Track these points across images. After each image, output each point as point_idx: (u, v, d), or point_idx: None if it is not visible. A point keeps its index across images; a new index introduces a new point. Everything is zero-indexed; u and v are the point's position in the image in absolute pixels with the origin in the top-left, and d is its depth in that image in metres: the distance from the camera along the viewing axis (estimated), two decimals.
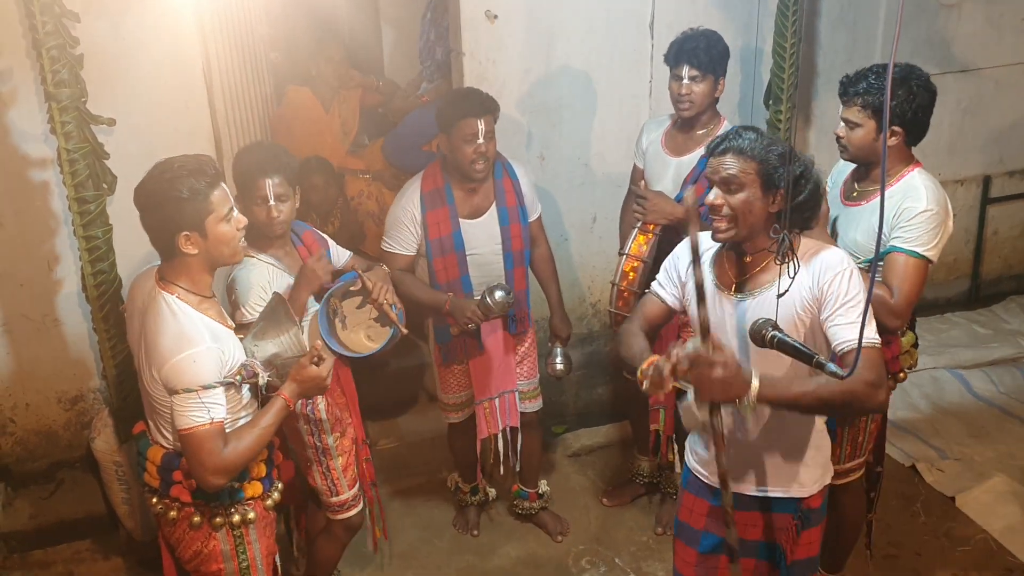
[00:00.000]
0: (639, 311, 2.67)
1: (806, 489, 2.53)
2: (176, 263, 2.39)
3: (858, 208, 2.93)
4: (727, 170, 2.33)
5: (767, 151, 2.32)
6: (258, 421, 2.44)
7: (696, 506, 2.66)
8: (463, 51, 3.97)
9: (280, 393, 2.48)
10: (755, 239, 2.39)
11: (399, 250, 3.46)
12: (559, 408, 4.61)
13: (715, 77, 3.38)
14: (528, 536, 3.96)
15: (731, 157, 2.33)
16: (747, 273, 2.42)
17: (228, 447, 2.35)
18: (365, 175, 4.74)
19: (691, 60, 3.32)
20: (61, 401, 3.88)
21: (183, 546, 2.55)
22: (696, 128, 3.48)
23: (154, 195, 2.31)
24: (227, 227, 2.39)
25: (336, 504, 3.19)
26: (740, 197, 2.33)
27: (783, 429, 2.47)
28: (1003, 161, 5.46)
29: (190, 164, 2.34)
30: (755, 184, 2.32)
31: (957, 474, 4.15)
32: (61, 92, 3.09)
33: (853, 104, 2.82)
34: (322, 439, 3.10)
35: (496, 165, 3.47)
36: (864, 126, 2.81)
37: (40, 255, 3.62)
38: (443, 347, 3.58)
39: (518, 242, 3.50)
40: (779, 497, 2.53)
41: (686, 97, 3.37)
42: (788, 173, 2.28)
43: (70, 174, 3.17)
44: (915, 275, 2.77)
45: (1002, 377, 4.89)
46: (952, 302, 5.62)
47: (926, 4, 4.84)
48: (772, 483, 2.53)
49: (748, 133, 2.36)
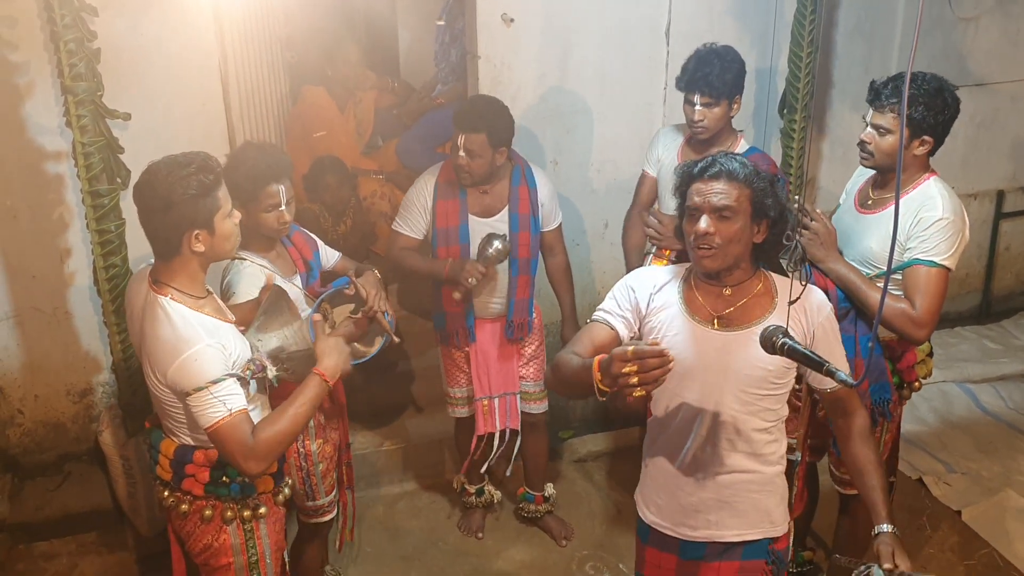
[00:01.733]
0: (581, 338, 2.41)
1: (778, 528, 2.46)
2: (174, 263, 2.35)
3: (874, 216, 2.91)
4: (721, 198, 2.23)
5: (757, 178, 2.25)
6: (293, 401, 2.39)
7: (663, 562, 2.54)
8: (478, 54, 3.98)
9: (316, 370, 2.44)
10: (735, 271, 2.31)
11: (406, 231, 3.51)
12: (566, 413, 4.61)
13: (730, 100, 3.29)
14: (533, 540, 3.95)
15: (724, 183, 2.24)
16: (729, 307, 2.33)
17: (262, 432, 2.32)
18: (378, 176, 4.76)
19: (703, 89, 3.21)
20: (70, 394, 3.89)
21: (193, 539, 2.54)
22: (714, 146, 3.37)
23: (162, 194, 2.26)
24: (230, 223, 2.39)
25: (310, 508, 3.18)
26: (732, 227, 2.24)
27: (760, 462, 2.39)
28: (1017, 176, 5.44)
29: (196, 161, 2.30)
30: (746, 213, 2.25)
31: (964, 488, 4.13)
32: (78, 86, 3.10)
33: (888, 111, 2.78)
34: (305, 444, 3.08)
35: (515, 171, 3.48)
36: (896, 133, 2.76)
37: (53, 248, 3.64)
38: (440, 333, 3.62)
39: (525, 250, 3.50)
40: (752, 540, 2.45)
41: (700, 124, 3.29)
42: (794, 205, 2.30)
43: (84, 167, 3.18)
44: (936, 285, 2.74)
45: (1011, 392, 4.88)
46: (963, 316, 5.61)
47: (943, 17, 4.83)
48: (747, 524, 2.43)
49: (736, 157, 2.29)
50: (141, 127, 3.37)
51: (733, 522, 2.43)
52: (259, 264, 2.88)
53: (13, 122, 3.42)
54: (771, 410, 2.37)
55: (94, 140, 3.17)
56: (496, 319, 3.60)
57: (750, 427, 2.36)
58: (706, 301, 2.35)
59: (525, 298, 3.56)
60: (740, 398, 2.33)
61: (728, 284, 2.33)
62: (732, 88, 3.27)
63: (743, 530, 2.44)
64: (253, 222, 2.83)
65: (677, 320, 2.36)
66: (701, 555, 2.47)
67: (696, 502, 2.43)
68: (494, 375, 3.64)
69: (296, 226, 3.16)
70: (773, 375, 2.32)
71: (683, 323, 2.35)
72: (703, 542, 2.46)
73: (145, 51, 3.43)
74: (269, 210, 2.85)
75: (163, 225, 2.30)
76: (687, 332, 2.34)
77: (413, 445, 4.31)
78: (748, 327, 2.31)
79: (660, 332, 2.37)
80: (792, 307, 2.22)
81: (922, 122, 2.75)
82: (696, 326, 2.34)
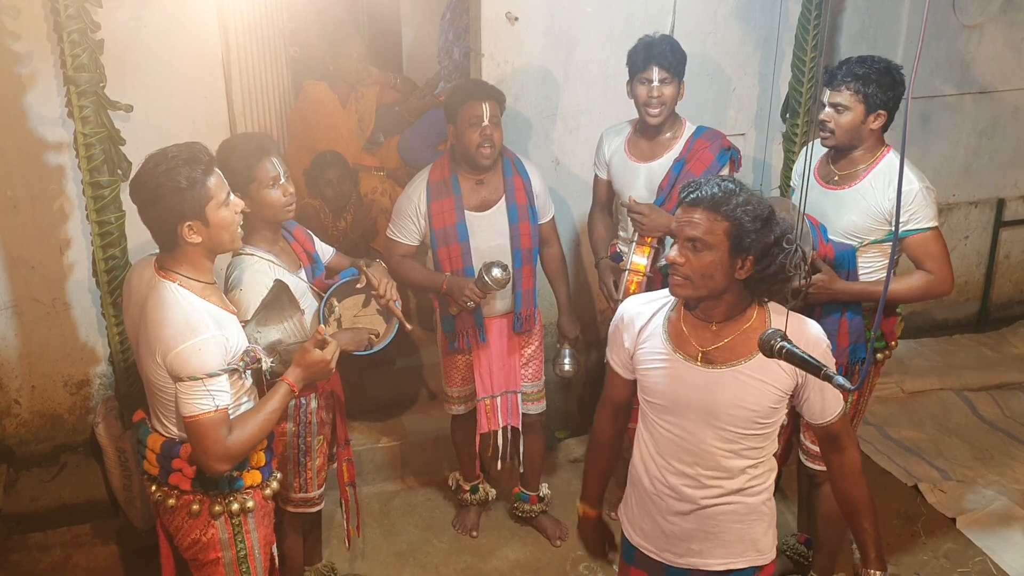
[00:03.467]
0: (607, 382, 2.52)
1: (766, 556, 2.43)
2: (177, 253, 2.38)
3: (845, 192, 3.07)
4: (693, 229, 2.15)
5: (742, 211, 2.13)
6: (262, 407, 2.45)
7: None
8: (482, 52, 3.97)
9: (284, 379, 2.49)
10: (720, 305, 2.24)
11: (401, 239, 3.50)
12: (563, 413, 4.60)
13: (679, 80, 3.40)
14: (527, 539, 3.95)
15: (701, 213, 2.15)
16: (715, 343, 2.26)
17: (232, 434, 2.36)
18: (379, 172, 4.75)
19: (660, 62, 3.33)
20: (67, 385, 3.89)
21: (181, 534, 2.54)
22: (662, 132, 3.48)
23: (152, 188, 2.29)
24: (226, 212, 2.39)
25: (299, 499, 3.18)
26: (704, 259, 2.16)
27: (745, 494, 2.36)
28: (1018, 185, 5.44)
29: (184, 153, 2.32)
30: (723, 247, 2.15)
31: (959, 496, 4.13)
32: (80, 76, 3.10)
33: (845, 88, 2.98)
34: (306, 440, 3.10)
35: (506, 162, 3.49)
36: (853, 109, 2.98)
37: (53, 239, 3.63)
38: (448, 335, 3.59)
39: (527, 240, 3.50)
40: (740, 569, 2.42)
41: (657, 100, 3.36)
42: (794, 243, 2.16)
43: (86, 158, 3.18)
44: (937, 244, 2.99)
45: (1008, 401, 4.88)
46: (961, 324, 5.61)
47: (947, 23, 4.83)
48: (734, 553, 2.40)
49: (726, 184, 2.17)
50: (143, 119, 3.37)
51: (719, 552, 2.40)
52: (265, 259, 2.88)
53: (15, 112, 3.41)
54: (757, 448, 2.32)
55: (95, 131, 3.16)
56: (503, 315, 3.59)
57: (734, 464, 2.31)
58: (692, 334, 2.29)
59: (530, 288, 3.57)
60: (723, 436, 2.28)
61: (714, 319, 2.25)
62: (681, 67, 3.39)
63: (729, 559, 2.41)
64: (258, 206, 2.81)
65: (661, 352, 2.32)
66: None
67: (679, 531, 2.40)
68: (497, 374, 3.64)
69: (294, 222, 3.17)
70: (758, 415, 2.26)
71: (667, 356, 2.31)
72: (687, 569, 2.43)
73: (148, 43, 3.43)
74: (271, 185, 2.84)
75: (156, 218, 2.34)
76: (669, 366, 2.30)
77: (409, 442, 4.31)
78: (733, 365, 2.25)
79: (646, 364, 2.35)
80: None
81: (875, 98, 2.97)
82: (679, 362, 2.28)
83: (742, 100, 4.43)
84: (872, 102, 2.97)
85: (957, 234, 5.38)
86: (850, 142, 3.05)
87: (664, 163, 3.46)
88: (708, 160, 3.40)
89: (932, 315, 5.52)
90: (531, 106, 4.09)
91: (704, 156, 3.41)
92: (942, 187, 2.99)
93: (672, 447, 2.35)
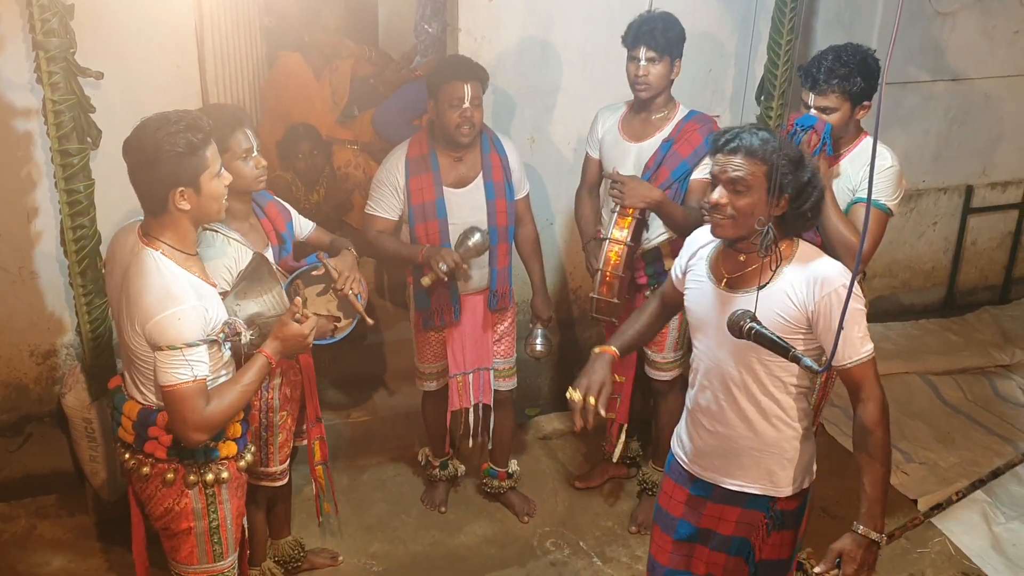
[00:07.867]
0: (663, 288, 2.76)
1: (782, 490, 2.51)
2: (163, 219, 2.37)
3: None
4: (735, 171, 2.31)
5: (778, 155, 2.30)
6: (239, 378, 2.45)
7: (675, 493, 2.68)
8: (459, 27, 3.95)
9: (262, 351, 2.49)
10: (752, 239, 2.39)
11: (380, 213, 3.49)
12: (534, 391, 4.62)
13: (671, 59, 3.42)
14: (495, 515, 3.98)
15: (741, 158, 2.31)
16: (740, 271, 2.42)
17: (211, 404, 2.36)
18: (353, 145, 4.71)
19: (648, 42, 3.36)
20: (33, 355, 3.84)
21: (154, 503, 2.54)
22: (653, 113, 3.51)
23: (149, 150, 2.27)
24: (218, 183, 2.39)
25: (263, 473, 3.20)
26: (746, 200, 2.32)
27: (763, 425, 2.46)
28: (987, 172, 5.51)
29: (186, 119, 2.31)
30: (762, 187, 2.31)
31: (921, 478, 4.21)
32: (50, 41, 3.04)
33: (831, 92, 3.00)
34: (269, 416, 3.11)
35: (484, 139, 3.48)
36: (841, 109, 3.02)
37: (20, 207, 3.57)
38: (423, 313, 3.58)
39: (503, 218, 3.50)
40: (755, 494, 2.52)
41: (643, 79, 3.40)
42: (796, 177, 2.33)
43: (55, 125, 3.13)
44: (878, 225, 3.01)
45: (971, 386, 4.97)
46: (928, 309, 5.69)
47: (922, 10, 4.86)
48: (748, 478, 2.52)
49: (761, 133, 2.33)
50: (113, 87, 3.31)
51: (736, 473, 2.54)
52: (231, 237, 2.83)
53: None
54: (775, 378, 2.41)
55: (65, 98, 3.11)
56: (478, 293, 3.60)
57: (753, 388, 2.43)
58: (723, 263, 2.48)
59: (505, 266, 3.57)
60: (737, 358, 2.42)
61: (744, 251, 2.42)
62: (674, 47, 3.41)
63: (744, 483, 2.53)
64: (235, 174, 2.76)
65: (700, 275, 2.53)
66: (708, 494, 2.59)
67: (704, 447, 2.57)
68: (469, 351, 3.65)
69: (270, 195, 3.13)
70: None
71: (701, 280, 2.52)
72: (710, 483, 2.57)
73: (120, 9, 3.36)
74: (243, 157, 2.82)
75: (149, 181, 2.32)
76: (702, 288, 2.51)
77: (380, 417, 4.32)
78: (746, 291, 2.38)
79: (688, 285, 2.57)
80: (791, 277, 2.34)
81: (862, 93, 3.02)
82: (708, 283, 2.49)
83: (718, 82, 4.44)
84: (858, 97, 3.01)
85: (926, 220, 5.44)
86: (838, 136, 3.07)
87: (653, 143, 3.48)
88: (696, 142, 3.42)
89: (899, 300, 5.59)
90: (508, 83, 4.07)
91: (692, 138, 3.43)
92: (912, 173, 3.02)
93: (702, 366, 2.54)
